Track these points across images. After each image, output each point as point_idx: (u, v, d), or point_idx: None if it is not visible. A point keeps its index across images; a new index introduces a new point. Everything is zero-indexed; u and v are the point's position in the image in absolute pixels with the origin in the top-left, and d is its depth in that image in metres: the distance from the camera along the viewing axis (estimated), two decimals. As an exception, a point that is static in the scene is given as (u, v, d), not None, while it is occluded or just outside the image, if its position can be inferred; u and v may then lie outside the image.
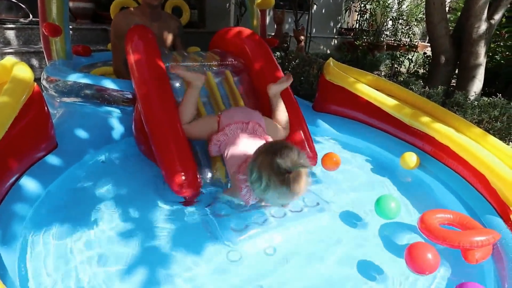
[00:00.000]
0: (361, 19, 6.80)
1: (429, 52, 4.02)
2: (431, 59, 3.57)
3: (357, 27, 7.02)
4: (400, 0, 6.54)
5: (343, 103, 2.28)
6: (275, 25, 4.54)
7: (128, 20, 2.24)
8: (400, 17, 6.38)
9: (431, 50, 3.45)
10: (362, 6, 6.52)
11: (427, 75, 3.85)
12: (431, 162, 1.80)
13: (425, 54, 4.98)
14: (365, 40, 6.02)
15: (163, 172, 1.44)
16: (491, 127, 2.24)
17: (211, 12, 5.44)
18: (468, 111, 2.32)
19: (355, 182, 1.75)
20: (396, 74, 4.75)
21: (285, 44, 4.55)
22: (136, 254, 1.16)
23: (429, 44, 3.50)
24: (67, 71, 2.15)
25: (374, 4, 6.47)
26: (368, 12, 6.55)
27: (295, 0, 4.94)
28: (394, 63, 4.84)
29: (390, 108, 2.00)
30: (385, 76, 4.72)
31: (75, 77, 2.03)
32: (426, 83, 3.02)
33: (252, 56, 1.95)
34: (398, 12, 6.61)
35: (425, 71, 4.67)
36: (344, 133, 2.21)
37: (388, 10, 6.52)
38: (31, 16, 3.76)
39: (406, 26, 6.27)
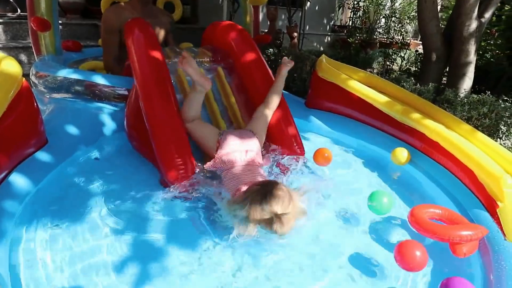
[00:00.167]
0: (354, 16, 6.83)
1: (421, 50, 4.06)
2: (423, 56, 3.60)
3: (350, 24, 7.05)
4: (393, -3, 6.60)
5: (336, 99, 2.29)
6: (268, 21, 4.54)
7: (119, 15, 2.21)
8: (393, 14, 6.44)
9: (423, 47, 3.48)
10: (355, 3, 6.55)
11: (419, 72, 3.89)
12: (421, 158, 1.83)
13: (417, 51, 5.03)
14: (358, 37, 6.05)
15: (160, 164, 1.46)
16: (480, 123, 2.28)
17: (204, 8, 5.40)
18: (458, 108, 2.35)
19: (347, 177, 1.77)
20: (388, 71, 4.79)
21: (278, 41, 4.54)
22: (128, 250, 1.16)
23: (421, 42, 3.53)
24: (56, 66, 2.12)
25: (367, 2, 6.50)
26: (361, 9, 6.58)
27: (288, -4, 4.94)
28: (386, 60, 4.88)
29: (382, 104, 2.01)
30: (377, 73, 4.75)
31: (65, 72, 2.00)
32: (418, 81, 3.05)
33: (238, 51, 1.96)
34: (391, 9, 6.67)
35: (417, 68, 4.71)
36: (336, 129, 2.22)
37: (381, 7, 6.56)
38: (19, 10, 3.69)
39: (399, 24, 6.33)
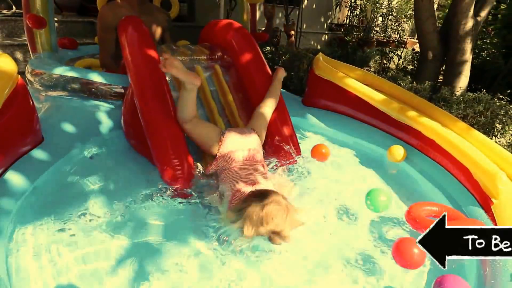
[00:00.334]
0: (351, 15, 6.83)
1: (417, 49, 4.07)
2: (419, 55, 3.61)
3: (347, 23, 7.05)
4: (390, -4, 6.60)
5: (332, 97, 2.29)
6: (265, 19, 4.53)
7: (115, 13, 2.20)
8: (390, 13, 6.45)
9: (419, 46, 3.49)
10: (353, 1, 6.55)
11: (415, 70, 3.90)
12: (417, 155, 1.84)
13: (413, 50, 5.04)
14: (355, 36, 6.06)
15: (157, 163, 1.44)
16: (475, 121, 2.29)
17: (201, 6, 5.38)
18: (454, 106, 2.36)
19: (344, 175, 1.77)
20: (385, 70, 4.80)
21: (275, 39, 4.54)
22: (124, 249, 1.16)
23: (417, 41, 3.54)
24: (52, 64, 2.10)
25: (364, 0, 6.51)
26: (359, 8, 6.58)
27: (285, -6, 4.94)
28: (383, 59, 4.89)
29: (378, 102, 2.02)
30: (374, 71, 4.76)
31: (61, 70, 1.98)
32: (414, 79, 3.06)
33: (239, 49, 1.94)
34: (388, 8, 6.68)
35: (413, 67, 4.73)
36: (333, 127, 2.23)
37: (378, 6, 6.57)
38: (14, 7, 3.65)
39: (396, 23, 6.34)
